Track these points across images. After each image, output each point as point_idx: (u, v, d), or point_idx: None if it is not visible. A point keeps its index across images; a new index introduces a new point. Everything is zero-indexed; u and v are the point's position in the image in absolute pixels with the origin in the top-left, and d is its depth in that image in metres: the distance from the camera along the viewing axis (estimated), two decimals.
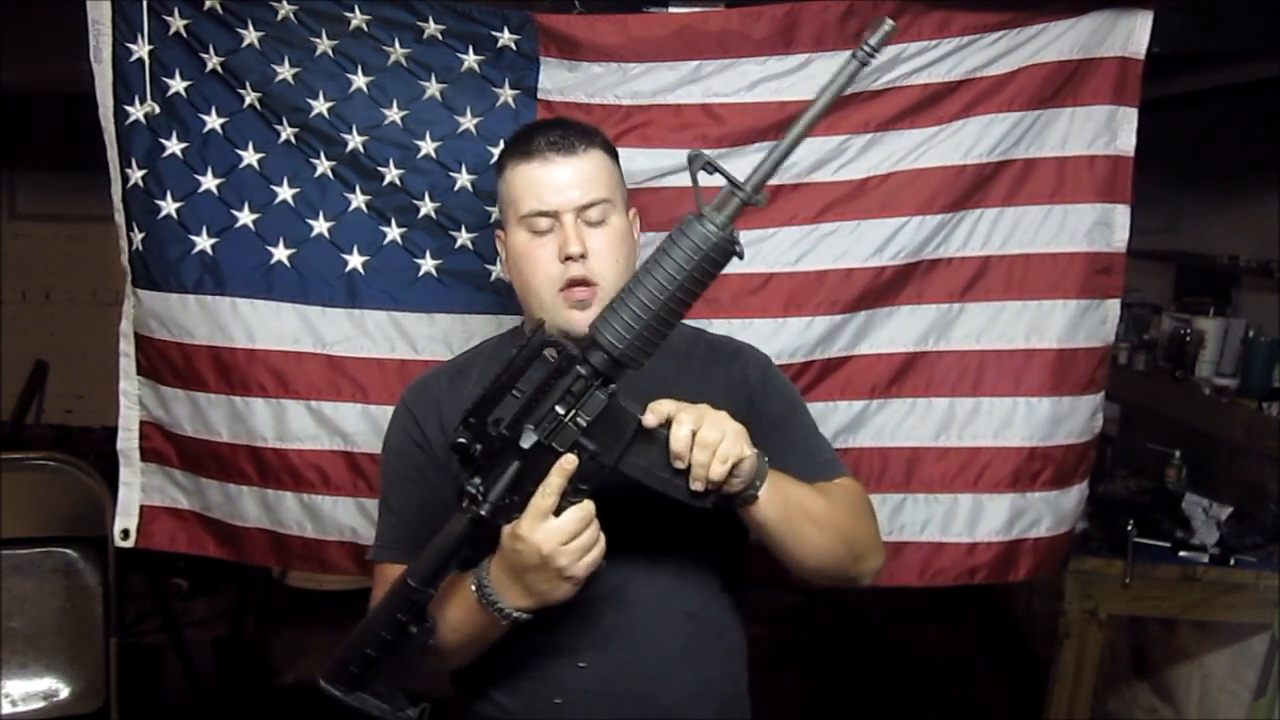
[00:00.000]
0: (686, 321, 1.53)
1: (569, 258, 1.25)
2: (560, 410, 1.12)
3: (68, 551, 2.22)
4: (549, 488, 1.11)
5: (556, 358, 1.12)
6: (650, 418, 1.12)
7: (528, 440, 1.11)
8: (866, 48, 1.05)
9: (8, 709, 2.17)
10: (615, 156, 1.35)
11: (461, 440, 1.11)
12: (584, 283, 1.26)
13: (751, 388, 1.37)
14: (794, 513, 1.22)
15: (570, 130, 1.30)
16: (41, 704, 2.19)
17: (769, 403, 1.37)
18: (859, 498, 1.35)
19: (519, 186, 1.29)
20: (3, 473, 2.22)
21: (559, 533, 1.11)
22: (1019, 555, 1.88)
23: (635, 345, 1.10)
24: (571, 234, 1.25)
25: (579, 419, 1.12)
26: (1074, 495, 1.91)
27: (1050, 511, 1.88)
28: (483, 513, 1.12)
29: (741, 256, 1.10)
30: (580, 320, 1.25)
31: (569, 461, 1.12)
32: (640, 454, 1.14)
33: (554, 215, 1.27)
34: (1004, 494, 1.86)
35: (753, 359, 1.42)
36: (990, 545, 1.87)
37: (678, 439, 1.10)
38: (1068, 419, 1.86)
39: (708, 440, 1.10)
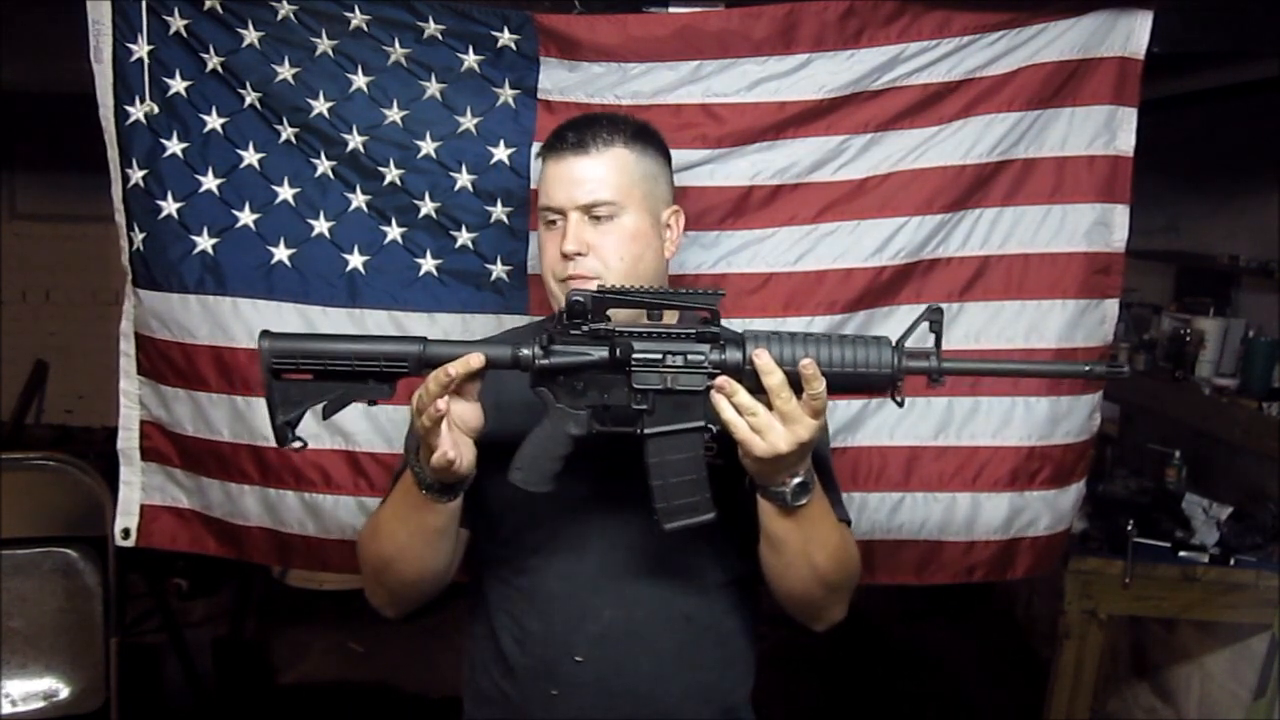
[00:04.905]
0: (729, 323, 1.54)
1: (564, 255, 1.28)
2: (667, 361, 1.13)
3: (68, 551, 2.21)
4: (455, 378, 1.08)
5: (708, 329, 1.13)
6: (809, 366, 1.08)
7: (621, 354, 1.12)
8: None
9: (8, 709, 2.17)
10: (650, 150, 1.33)
11: (580, 299, 1.12)
12: (581, 278, 1.27)
13: None
14: (809, 537, 1.19)
15: (589, 129, 1.30)
16: (41, 704, 2.19)
17: None
18: (854, 554, 1.30)
19: (541, 181, 1.34)
20: (3, 473, 2.21)
21: (426, 388, 1.10)
22: (1017, 553, 1.90)
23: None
24: (570, 232, 1.28)
25: (672, 381, 1.13)
26: (1072, 494, 1.92)
27: (1048, 510, 1.89)
28: (537, 362, 1.12)
29: (900, 404, 1.13)
30: None
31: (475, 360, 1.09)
32: (672, 448, 1.15)
33: (560, 212, 1.29)
34: (1002, 493, 1.87)
35: None
36: (988, 543, 1.88)
37: (771, 388, 1.08)
38: (1066, 418, 1.87)
39: (786, 412, 1.08)
